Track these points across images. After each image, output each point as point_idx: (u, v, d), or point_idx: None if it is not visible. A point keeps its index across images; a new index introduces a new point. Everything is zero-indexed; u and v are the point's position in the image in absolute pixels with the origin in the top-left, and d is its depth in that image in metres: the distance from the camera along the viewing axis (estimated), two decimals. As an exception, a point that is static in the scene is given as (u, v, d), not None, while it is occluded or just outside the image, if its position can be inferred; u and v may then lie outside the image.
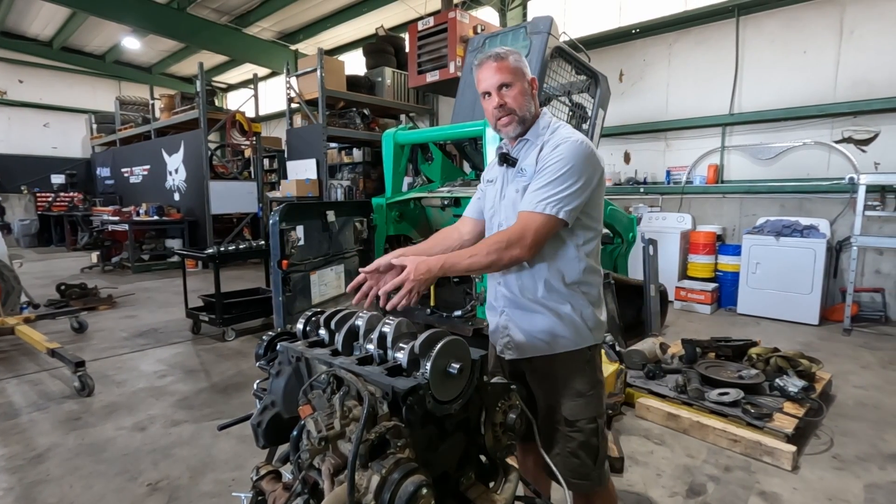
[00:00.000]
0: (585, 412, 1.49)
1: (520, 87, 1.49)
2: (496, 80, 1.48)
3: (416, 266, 1.28)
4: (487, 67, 1.49)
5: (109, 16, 9.03)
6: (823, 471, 2.46)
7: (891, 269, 5.23)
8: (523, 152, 1.55)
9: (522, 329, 1.53)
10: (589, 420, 1.49)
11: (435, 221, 4.10)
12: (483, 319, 3.18)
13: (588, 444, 1.49)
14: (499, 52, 1.50)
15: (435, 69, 6.89)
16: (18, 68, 13.13)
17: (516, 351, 1.56)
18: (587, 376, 1.52)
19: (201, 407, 3.25)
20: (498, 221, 1.58)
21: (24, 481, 2.42)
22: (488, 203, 1.65)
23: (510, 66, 1.47)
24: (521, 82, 1.49)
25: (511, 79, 1.47)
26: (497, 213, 1.60)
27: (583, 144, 1.43)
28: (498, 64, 1.47)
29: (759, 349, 3.39)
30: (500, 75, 1.47)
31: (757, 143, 5.97)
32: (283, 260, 3.16)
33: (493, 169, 1.68)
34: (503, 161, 1.58)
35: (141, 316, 5.63)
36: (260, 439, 1.19)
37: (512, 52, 1.50)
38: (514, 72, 1.47)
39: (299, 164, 7.93)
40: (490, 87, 1.50)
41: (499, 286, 1.59)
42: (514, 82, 1.48)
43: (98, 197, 12.06)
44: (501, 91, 1.48)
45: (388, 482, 0.87)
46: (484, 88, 1.52)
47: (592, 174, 1.43)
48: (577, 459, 1.48)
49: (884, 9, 5.09)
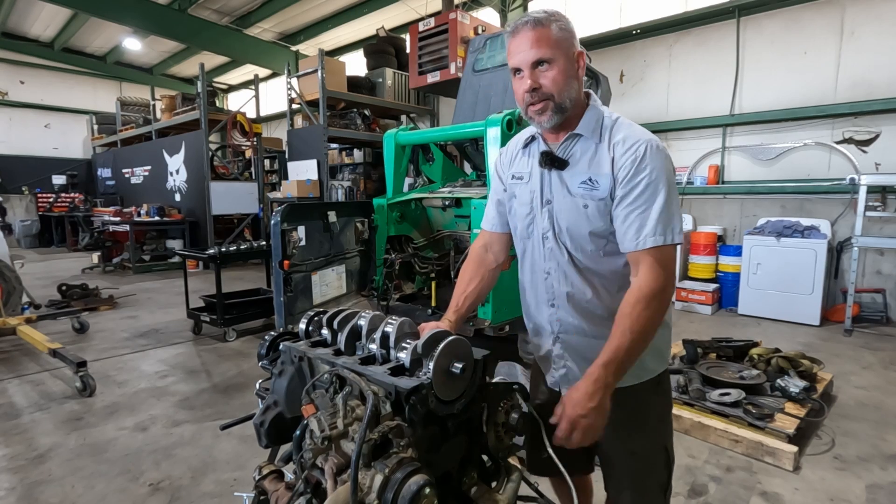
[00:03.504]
0: (656, 442, 1.35)
1: (561, 64, 1.18)
2: (531, 56, 1.17)
3: (578, 407, 1.10)
4: (522, 36, 1.18)
5: (110, 17, 9.05)
6: (825, 471, 2.46)
7: (891, 270, 5.22)
8: (576, 151, 1.28)
9: (588, 359, 1.24)
10: (659, 451, 1.35)
11: (436, 222, 4.09)
12: (484, 319, 3.17)
13: (657, 478, 1.34)
14: (538, 16, 1.17)
15: (436, 70, 6.90)
16: (20, 69, 13.16)
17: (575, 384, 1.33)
18: (659, 405, 1.37)
19: (202, 407, 3.25)
20: (541, 233, 1.34)
21: (26, 481, 2.42)
22: (522, 208, 1.38)
23: (552, 36, 1.16)
24: (563, 59, 1.18)
25: (551, 53, 1.16)
26: (537, 223, 1.35)
27: (664, 149, 1.22)
28: (536, 33, 1.16)
29: (760, 350, 3.39)
30: (538, 49, 1.16)
31: (757, 143, 5.97)
32: (284, 260, 3.16)
33: (520, 162, 1.40)
34: (549, 163, 1.29)
35: (142, 316, 5.64)
36: (262, 439, 1.19)
37: (555, 16, 1.18)
38: (556, 44, 1.16)
39: (300, 164, 7.94)
40: (522, 63, 1.19)
41: (552, 309, 1.36)
42: (554, 58, 1.17)
43: (99, 197, 12.07)
44: (537, 70, 1.18)
45: (391, 481, 0.87)
46: (515, 64, 1.21)
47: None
48: (646, 497, 1.34)
49: (884, 10, 5.09)
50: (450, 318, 1.41)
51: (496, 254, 1.52)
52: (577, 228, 1.28)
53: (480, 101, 4.23)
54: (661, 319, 1.19)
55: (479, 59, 4.41)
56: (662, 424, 1.38)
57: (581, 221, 1.26)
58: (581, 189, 1.25)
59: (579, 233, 1.28)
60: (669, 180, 1.20)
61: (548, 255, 1.36)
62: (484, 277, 1.50)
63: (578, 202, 1.26)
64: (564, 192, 1.28)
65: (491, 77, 4.24)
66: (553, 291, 1.36)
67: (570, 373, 1.37)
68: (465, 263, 1.55)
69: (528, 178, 1.37)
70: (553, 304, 1.36)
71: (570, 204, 1.27)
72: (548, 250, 1.35)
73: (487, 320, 3.17)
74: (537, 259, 1.39)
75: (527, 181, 1.37)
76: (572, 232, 1.29)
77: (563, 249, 1.32)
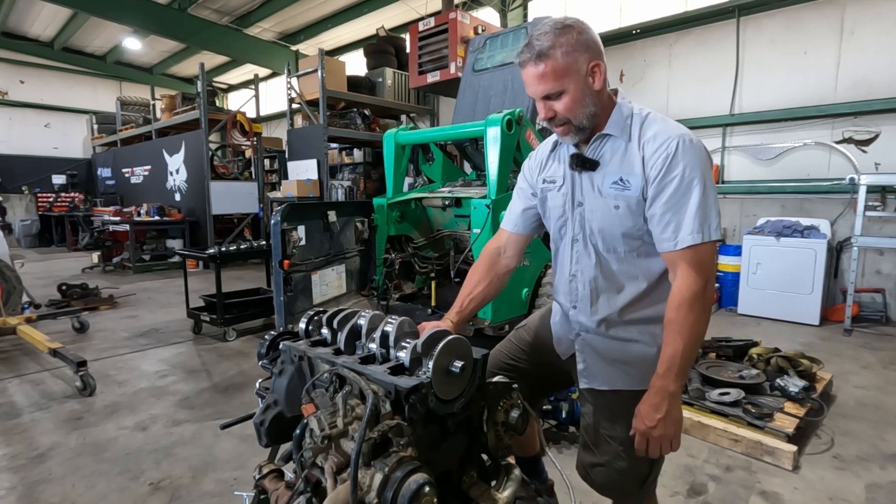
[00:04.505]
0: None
1: (572, 92, 1.19)
2: (539, 91, 1.20)
3: (646, 420, 1.14)
4: (527, 72, 1.20)
5: (110, 16, 9.05)
6: (824, 470, 2.46)
7: (891, 270, 5.23)
8: (606, 151, 1.27)
9: (606, 359, 1.33)
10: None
11: (436, 222, 4.10)
12: (484, 319, 3.18)
13: (638, 469, 1.34)
14: (540, 48, 1.16)
15: (436, 70, 6.90)
16: (20, 69, 13.15)
17: (593, 380, 1.37)
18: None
19: (203, 407, 3.26)
20: (571, 237, 1.35)
21: (26, 481, 2.42)
22: (555, 212, 1.39)
23: (558, 66, 1.16)
24: (573, 85, 1.18)
25: (559, 86, 1.18)
26: (568, 226, 1.36)
27: (699, 143, 1.19)
28: (539, 69, 1.17)
29: (759, 349, 3.40)
30: (544, 85, 1.19)
31: (757, 143, 5.97)
32: (284, 260, 3.16)
33: (552, 168, 1.40)
34: (579, 165, 1.28)
35: (142, 316, 5.64)
36: (263, 438, 1.19)
37: (559, 42, 1.15)
38: (563, 73, 1.17)
39: (300, 164, 7.94)
40: (534, 95, 1.23)
41: (574, 310, 1.38)
42: (563, 88, 1.18)
43: (99, 197, 12.07)
44: (549, 101, 1.21)
45: (390, 480, 0.87)
46: (529, 93, 1.25)
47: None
48: (622, 478, 1.35)
49: (884, 9, 5.09)
50: (452, 319, 1.42)
51: (510, 258, 1.52)
52: (609, 230, 1.27)
53: (480, 101, 4.24)
54: (708, 317, 1.19)
55: (479, 59, 4.41)
56: None
57: (613, 222, 1.26)
58: (612, 189, 1.25)
59: (612, 234, 1.28)
60: (704, 175, 1.17)
61: (575, 258, 1.37)
62: (493, 281, 1.50)
63: (609, 203, 1.25)
64: (596, 193, 1.28)
65: (491, 77, 4.25)
66: (577, 295, 1.37)
67: (588, 368, 1.38)
68: (476, 264, 1.54)
69: (560, 182, 1.37)
70: (575, 306, 1.37)
71: (602, 205, 1.27)
72: (576, 253, 1.36)
73: (487, 320, 3.18)
74: (565, 261, 1.40)
75: (559, 185, 1.37)
76: (605, 234, 1.28)
77: (592, 252, 1.32)
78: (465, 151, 4.15)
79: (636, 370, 1.31)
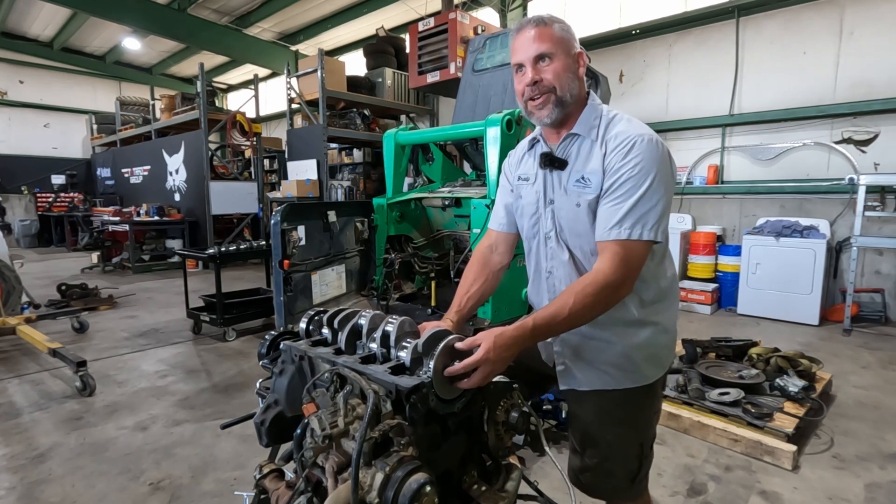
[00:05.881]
0: (633, 437, 1.35)
1: (563, 59, 1.23)
2: (534, 50, 1.22)
3: (493, 343, 1.05)
4: (525, 33, 1.23)
5: (110, 16, 9.04)
6: (824, 470, 2.47)
7: (891, 270, 5.23)
8: (573, 151, 1.30)
9: (584, 359, 1.32)
10: (633, 444, 1.34)
11: (436, 222, 4.10)
12: (484, 319, 3.18)
13: (627, 467, 1.34)
14: (542, 16, 1.25)
15: (435, 70, 6.90)
16: (19, 69, 13.14)
17: (572, 381, 1.36)
18: (647, 409, 1.36)
19: (202, 407, 3.26)
20: (544, 233, 1.37)
21: (26, 481, 2.42)
22: (528, 208, 1.41)
23: (554, 34, 1.22)
24: (564, 55, 1.23)
25: (553, 49, 1.22)
26: (542, 223, 1.37)
27: (658, 144, 1.20)
28: (538, 30, 1.22)
29: (759, 349, 3.40)
30: (540, 44, 1.21)
31: (757, 143, 5.98)
32: (284, 260, 3.16)
33: (527, 165, 1.43)
34: (548, 164, 1.32)
35: (142, 316, 5.64)
36: (263, 437, 1.20)
37: (557, 19, 1.25)
38: (558, 41, 1.22)
39: (300, 164, 7.94)
40: (525, 59, 1.24)
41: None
42: (556, 53, 1.22)
43: (98, 197, 12.07)
44: (539, 64, 1.23)
45: (391, 480, 0.87)
46: (518, 59, 1.25)
47: (672, 178, 1.23)
48: (611, 478, 1.35)
49: (883, 10, 5.10)
50: (451, 319, 1.42)
51: (501, 255, 1.53)
52: (574, 227, 1.30)
53: (480, 101, 4.23)
54: (603, 311, 1.17)
55: (479, 59, 4.41)
56: (645, 424, 1.38)
57: (578, 220, 1.28)
58: (575, 187, 1.27)
59: (578, 232, 1.30)
60: (657, 175, 1.17)
61: (550, 255, 1.38)
62: (488, 279, 1.51)
63: (573, 200, 1.28)
64: (562, 191, 1.31)
65: (490, 77, 4.25)
66: (554, 291, 1.38)
67: (567, 370, 1.37)
68: (470, 264, 1.55)
69: (533, 179, 1.39)
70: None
71: (567, 203, 1.30)
72: (550, 250, 1.38)
73: (487, 320, 3.18)
74: (541, 258, 1.42)
75: (532, 182, 1.39)
76: (572, 231, 1.31)
77: (565, 249, 1.34)
78: (464, 151, 4.15)
79: (614, 369, 1.31)
